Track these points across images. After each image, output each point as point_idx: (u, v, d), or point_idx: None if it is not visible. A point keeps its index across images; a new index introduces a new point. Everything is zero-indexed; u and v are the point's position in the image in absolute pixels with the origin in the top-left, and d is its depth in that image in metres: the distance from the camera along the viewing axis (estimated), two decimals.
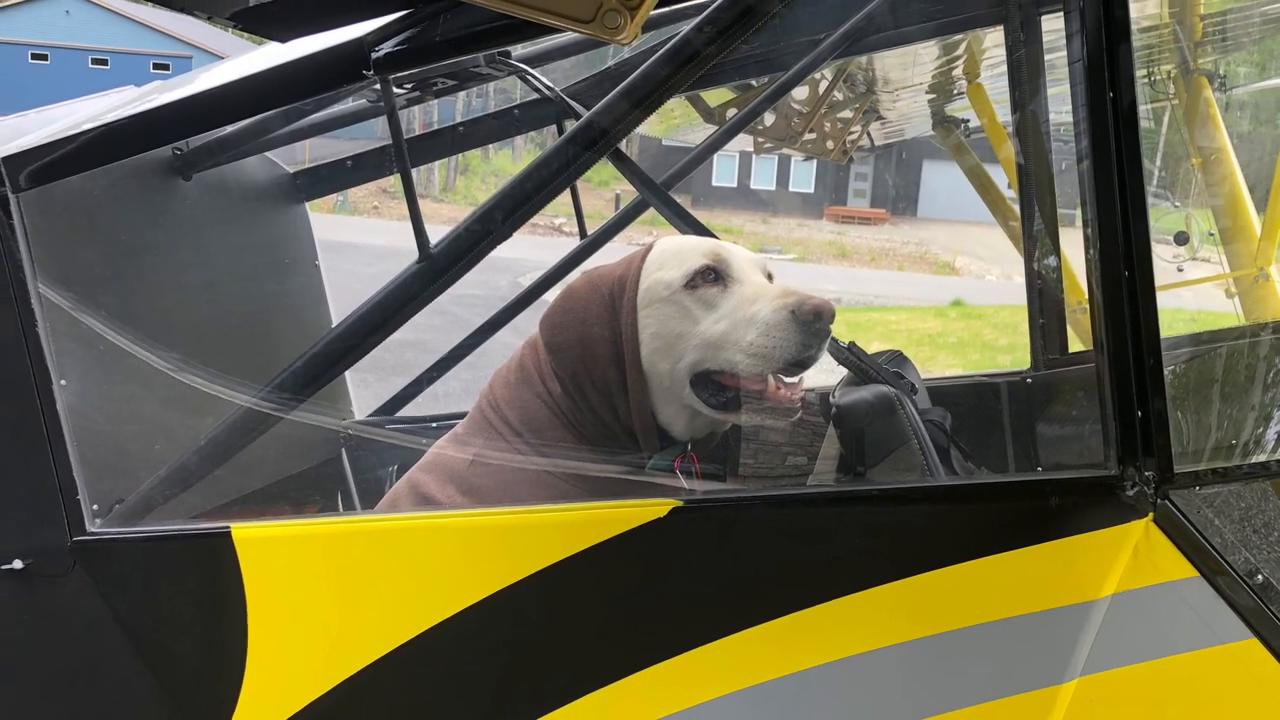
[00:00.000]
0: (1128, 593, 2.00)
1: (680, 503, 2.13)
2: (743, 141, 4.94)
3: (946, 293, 22.30)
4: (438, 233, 2.43)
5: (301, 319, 3.75)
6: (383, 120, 2.81)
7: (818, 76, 4.62)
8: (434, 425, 3.57)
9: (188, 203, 3.19)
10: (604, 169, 2.75)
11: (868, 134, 6.59)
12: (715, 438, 2.53)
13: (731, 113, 4.25)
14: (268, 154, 3.59)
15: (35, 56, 49.69)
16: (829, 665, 2.09)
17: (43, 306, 2.33)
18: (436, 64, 2.87)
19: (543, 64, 3.40)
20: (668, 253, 2.46)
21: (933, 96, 5.91)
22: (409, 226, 2.52)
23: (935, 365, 14.37)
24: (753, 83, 4.10)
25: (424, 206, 2.69)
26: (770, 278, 2.48)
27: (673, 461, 2.43)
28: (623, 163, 2.81)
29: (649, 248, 2.50)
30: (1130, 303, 1.96)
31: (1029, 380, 3.89)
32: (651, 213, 3.09)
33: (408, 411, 4.05)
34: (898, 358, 2.96)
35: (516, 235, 2.43)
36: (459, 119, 4.00)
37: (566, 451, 2.41)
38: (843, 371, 2.66)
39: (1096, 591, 2.01)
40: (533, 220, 2.49)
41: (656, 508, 2.11)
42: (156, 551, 2.36)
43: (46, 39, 49.80)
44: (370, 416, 4.01)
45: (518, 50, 3.21)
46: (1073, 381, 3.69)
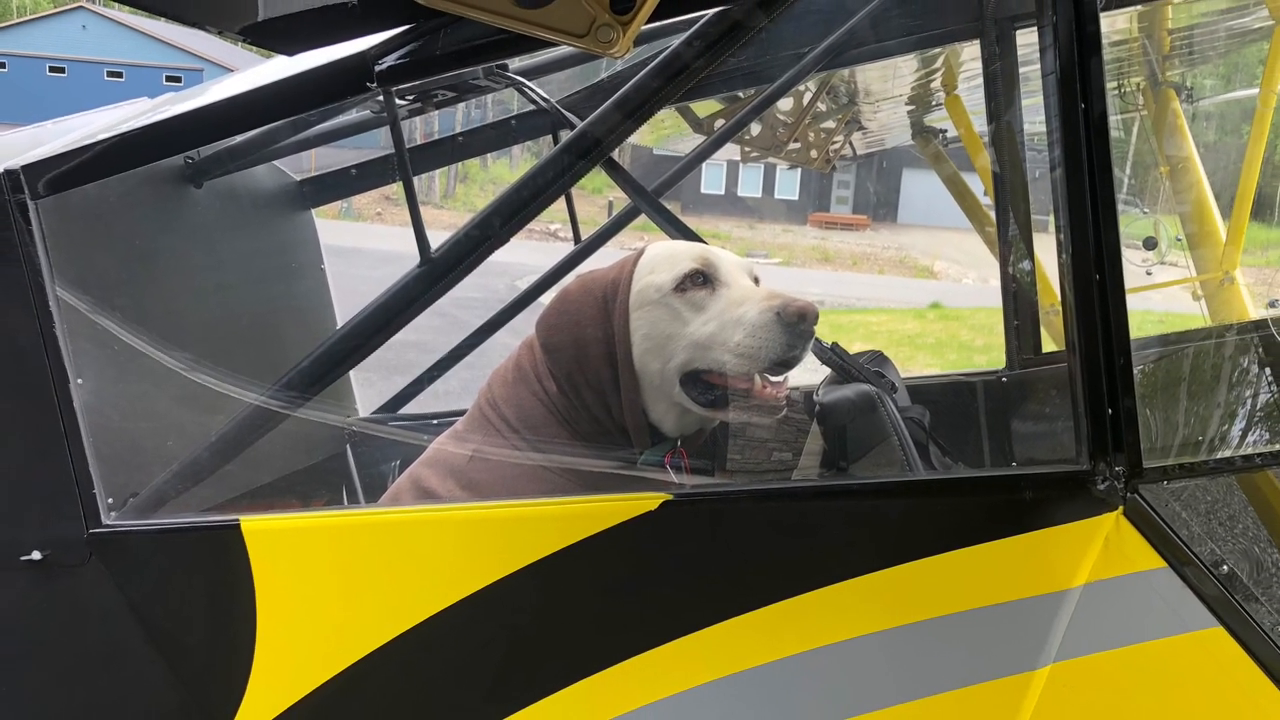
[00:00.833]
0: (1099, 582, 2.00)
1: (670, 496, 2.13)
2: (730, 151, 4.94)
3: (925, 295, 22.25)
4: (438, 238, 2.44)
5: (308, 320, 3.75)
6: (385, 130, 2.81)
7: (802, 88, 4.62)
8: (435, 422, 3.56)
9: (199, 209, 3.18)
10: (597, 177, 2.75)
11: (850, 143, 6.59)
12: (704, 434, 2.53)
13: (719, 123, 4.25)
14: (275, 163, 3.58)
15: (53, 69, 49.62)
16: (813, 652, 2.09)
17: (60, 309, 2.32)
18: (437, 76, 2.87)
19: (539, 76, 3.40)
20: (658, 257, 2.46)
21: (912, 108, 5.92)
22: (411, 232, 2.51)
23: (914, 365, 14.34)
24: (740, 94, 4.10)
25: (425, 213, 2.68)
26: (756, 281, 2.48)
27: (663, 457, 2.44)
28: (615, 171, 2.81)
29: (640, 252, 2.50)
30: (1101, 305, 1.96)
31: (1004, 379, 3.90)
32: (643, 219, 3.10)
33: (410, 409, 4.05)
34: (878, 358, 2.96)
35: (513, 240, 2.43)
36: (459, 129, 4.00)
37: (561, 447, 2.41)
38: (826, 371, 2.66)
39: (1069, 581, 2.01)
40: (529, 226, 2.49)
41: (648, 501, 2.11)
42: (169, 543, 2.35)
43: (64, 53, 49.73)
44: (374, 414, 4.00)
45: (515, 63, 3.20)
46: (1046, 380, 3.70)
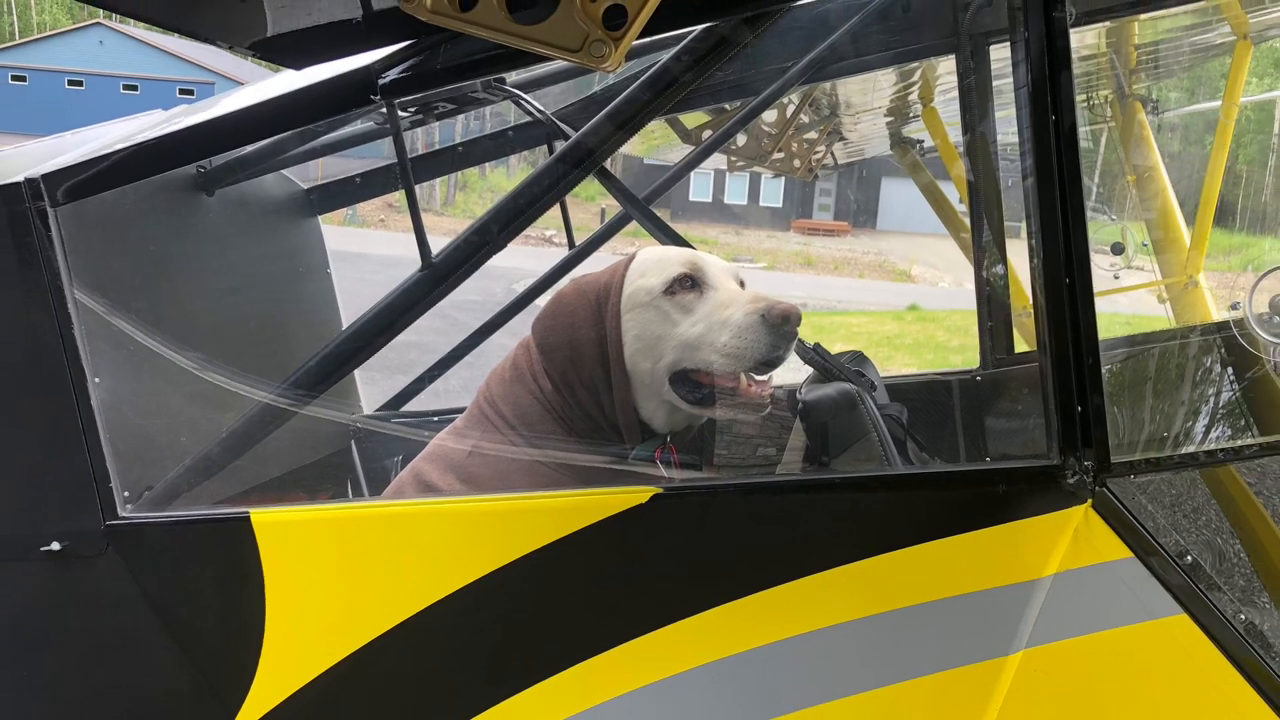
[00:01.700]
0: (1068, 572, 2.00)
1: (660, 490, 2.12)
2: (717, 160, 4.93)
3: (903, 298, 22.28)
4: (439, 243, 2.43)
5: (314, 322, 3.75)
6: (389, 141, 2.80)
7: (786, 101, 4.62)
8: (435, 419, 3.56)
9: (210, 216, 3.18)
10: (591, 185, 2.74)
11: (831, 153, 6.59)
12: (692, 430, 2.52)
13: (707, 134, 4.24)
14: (284, 171, 3.58)
15: (71, 83, 49.55)
16: (796, 639, 2.09)
17: (78, 311, 2.31)
18: (438, 89, 2.87)
19: (535, 89, 3.40)
20: (649, 262, 2.46)
21: (891, 119, 5.92)
22: (412, 238, 2.51)
23: (893, 365, 14.34)
24: (726, 106, 4.10)
25: (426, 219, 2.68)
26: (742, 285, 2.48)
27: (653, 452, 2.44)
28: (608, 179, 2.81)
29: (632, 257, 2.50)
30: (1071, 307, 1.96)
31: (978, 378, 3.90)
32: (634, 225, 3.09)
33: (412, 407, 4.04)
34: (858, 358, 2.97)
35: (510, 246, 2.42)
36: (458, 140, 4.00)
37: (556, 443, 2.41)
38: (808, 370, 2.66)
39: (1040, 571, 2.01)
40: (525, 232, 2.48)
41: (638, 494, 2.11)
42: (182, 534, 2.35)
43: (82, 67, 49.67)
44: (377, 411, 3.99)
45: (512, 77, 3.20)
46: (1018, 379, 3.70)
